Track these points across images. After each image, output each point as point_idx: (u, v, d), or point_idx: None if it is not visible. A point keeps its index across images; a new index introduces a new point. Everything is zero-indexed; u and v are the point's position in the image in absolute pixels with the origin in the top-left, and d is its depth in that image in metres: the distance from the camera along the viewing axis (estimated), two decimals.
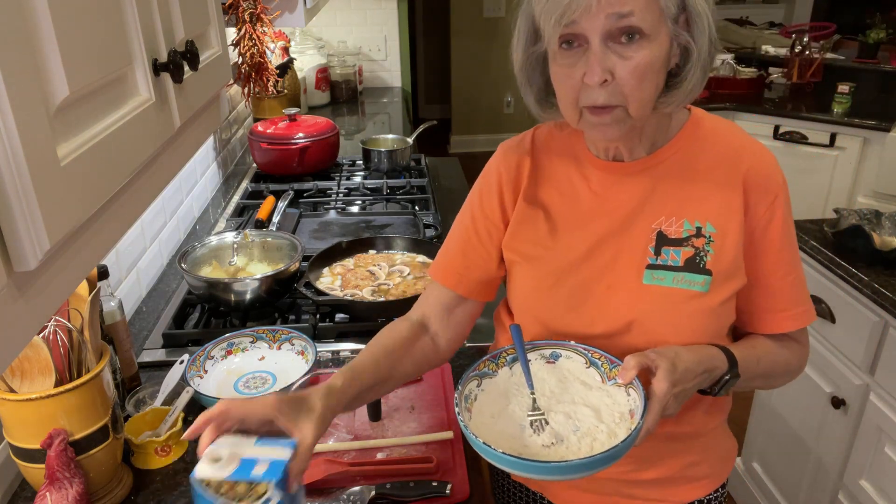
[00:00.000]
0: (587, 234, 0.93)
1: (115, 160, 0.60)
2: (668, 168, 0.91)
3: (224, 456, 0.75)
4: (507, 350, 0.93)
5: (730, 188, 0.89)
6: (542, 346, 0.93)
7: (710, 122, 0.94)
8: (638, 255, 0.91)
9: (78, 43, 0.54)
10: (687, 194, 0.90)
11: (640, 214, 0.91)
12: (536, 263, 0.97)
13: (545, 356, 0.93)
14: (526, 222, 0.98)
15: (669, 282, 0.90)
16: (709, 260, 0.89)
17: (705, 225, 0.89)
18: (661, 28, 0.79)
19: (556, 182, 0.96)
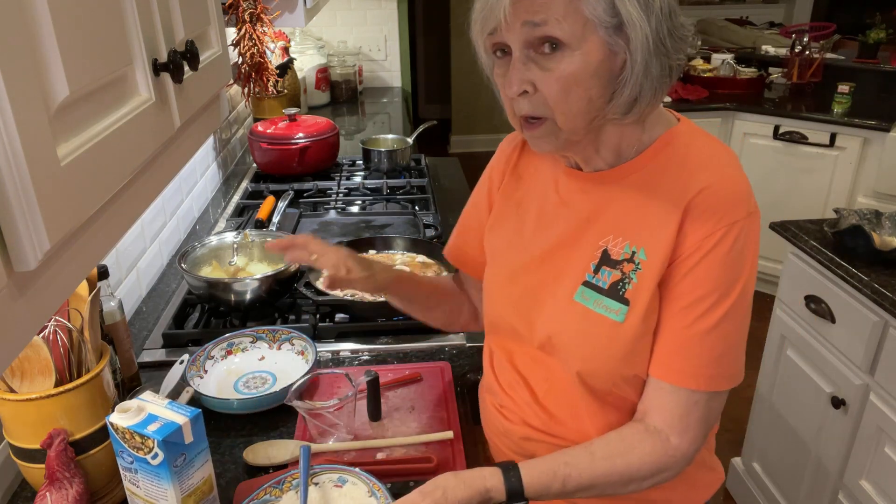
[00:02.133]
0: (547, 237, 0.93)
1: (115, 160, 0.60)
2: (628, 184, 0.86)
3: (134, 408, 0.87)
4: (292, 474, 0.96)
5: (672, 212, 0.81)
6: (331, 470, 0.96)
7: (687, 139, 0.86)
8: (580, 269, 0.88)
9: (78, 43, 0.54)
10: (637, 215, 0.85)
11: (592, 228, 0.88)
12: (500, 259, 1.00)
13: (333, 480, 0.96)
14: (501, 217, 1.01)
15: (591, 304, 0.87)
16: (629, 289, 0.84)
17: (640, 250, 0.84)
18: (589, 37, 0.74)
19: (533, 181, 0.97)
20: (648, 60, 0.75)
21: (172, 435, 0.85)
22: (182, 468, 0.88)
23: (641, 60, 0.75)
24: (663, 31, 0.74)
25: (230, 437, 1.12)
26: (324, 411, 1.07)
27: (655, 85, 0.77)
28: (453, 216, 1.99)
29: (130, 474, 0.90)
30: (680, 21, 0.76)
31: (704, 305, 0.80)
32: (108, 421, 0.87)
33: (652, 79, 0.76)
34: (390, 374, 1.23)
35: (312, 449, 1.06)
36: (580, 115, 0.79)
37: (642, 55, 0.75)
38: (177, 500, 0.88)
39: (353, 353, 1.33)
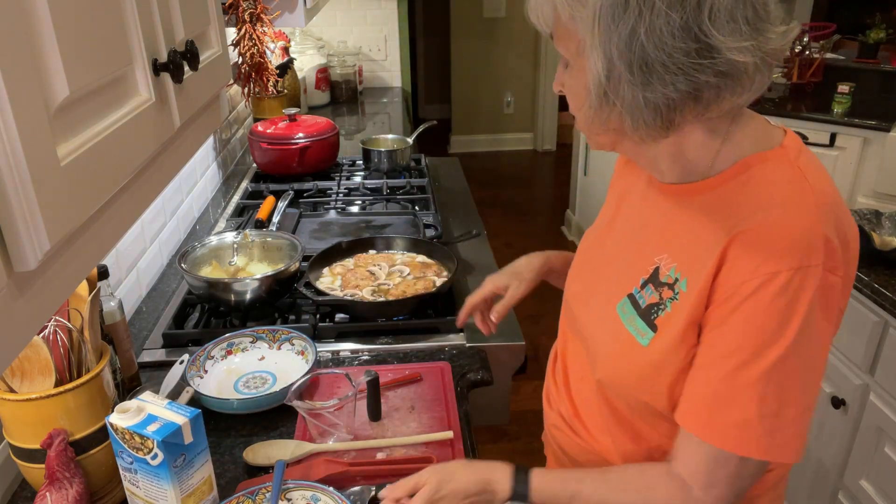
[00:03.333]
0: (621, 238, 0.93)
1: (115, 160, 0.60)
2: (694, 204, 0.80)
3: (134, 409, 0.88)
4: (266, 486, 0.96)
5: (716, 248, 0.75)
6: (305, 487, 0.96)
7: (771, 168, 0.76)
8: (631, 279, 0.86)
9: (78, 43, 0.54)
10: (690, 240, 0.80)
11: (654, 241, 0.85)
12: (585, 246, 1.02)
13: (306, 497, 0.96)
14: (604, 208, 1.02)
15: (625, 319, 0.85)
16: (661, 316, 0.80)
17: (682, 280, 0.79)
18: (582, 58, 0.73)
19: (633, 181, 0.95)
20: (607, 87, 0.71)
21: (172, 435, 0.85)
22: (182, 468, 0.88)
23: (596, 85, 0.72)
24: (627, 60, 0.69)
25: (230, 437, 1.12)
26: (324, 411, 1.07)
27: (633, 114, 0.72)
28: (453, 216, 1.99)
29: (130, 475, 0.90)
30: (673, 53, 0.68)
31: (737, 359, 0.73)
32: (108, 421, 0.87)
33: (627, 107, 0.72)
34: (390, 374, 1.23)
35: (312, 449, 1.06)
36: (584, 123, 0.80)
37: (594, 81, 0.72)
38: (177, 501, 0.88)
39: (353, 353, 1.33)
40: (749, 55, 0.68)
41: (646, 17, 0.67)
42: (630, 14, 0.67)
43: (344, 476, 1.01)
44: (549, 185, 5.11)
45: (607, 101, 0.73)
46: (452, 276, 1.46)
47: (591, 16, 0.69)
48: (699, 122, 0.75)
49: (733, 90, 0.71)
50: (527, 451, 2.56)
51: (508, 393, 1.41)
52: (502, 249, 4.05)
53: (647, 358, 0.81)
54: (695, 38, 0.67)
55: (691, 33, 0.67)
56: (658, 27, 0.67)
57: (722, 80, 0.69)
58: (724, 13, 0.67)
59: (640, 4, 0.67)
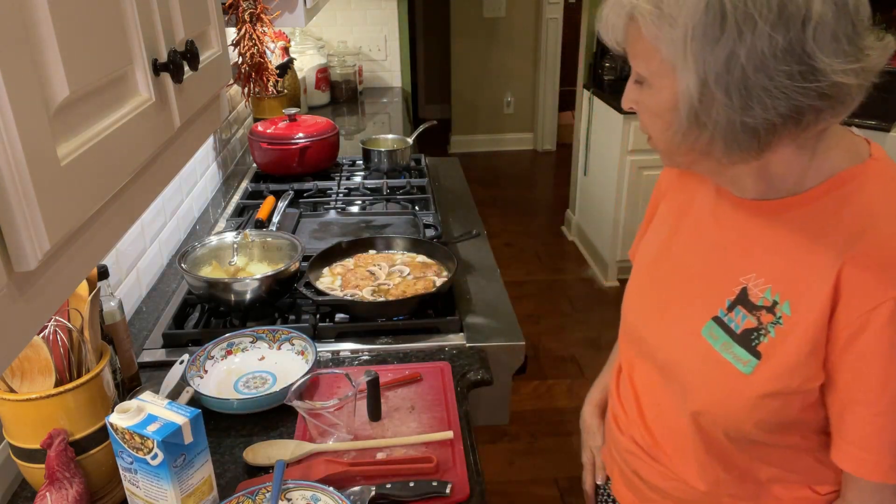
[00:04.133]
0: (691, 257, 0.88)
1: (115, 160, 0.60)
2: (784, 221, 0.77)
3: (134, 409, 0.87)
4: (266, 486, 0.96)
5: (829, 269, 0.72)
6: (305, 487, 0.96)
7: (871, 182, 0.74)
8: (714, 300, 0.83)
9: (78, 43, 0.54)
10: (787, 259, 0.76)
11: (736, 260, 0.82)
12: (644, 267, 0.97)
13: (306, 497, 0.95)
14: (658, 224, 0.97)
15: (718, 345, 0.81)
16: (765, 342, 0.77)
17: (783, 302, 0.76)
18: (667, 75, 0.71)
19: (696, 195, 0.91)
20: (699, 110, 0.69)
21: (172, 435, 0.85)
22: (182, 468, 0.88)
23: (688, 109, 0.70)
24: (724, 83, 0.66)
25: (230, 437, 1.12)
26: (324, 411, 1.07)
27: (727, 138, 0.70)
28: (453, 216, 1.99)
29: (130, 475, 0.90)
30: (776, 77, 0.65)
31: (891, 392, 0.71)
32: (108, 421, 0.87)
33: (720, 130, 0.69)
34: (390, 374, 1.23)
35: (312, 449, 1.06)
36: (665, 143, 0.77)
37: (686, 104, 0.70)
38: (176, 501, 0.88)
39: (353, 353, 1.33)
40: (853, 77, 0.66)
41: (746, 38, 0.64)
42: (728, 35, 0.64)
43: (344, 476, 1.01)
44: (549, 185, 5.11)
45: (698, 123, 0.70)
46: (452, 276, 1.46)
47: (682, 36, 0.66)
48: (789, 142, 0.73)
49: (834, 111, 0.69)
50: (527, 451, 2.56)
51: (508, 393, 1.41)
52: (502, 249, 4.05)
53: (753, 387, 0.77)
54: (798, 60, 0.64)
55: (795, 55, 0.64)
56: (760, 49, 0.64)
57: (825, 102, 0.67)
58: (828, 32, 0.64)
59: (739, 25, 0.63)
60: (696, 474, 0.90)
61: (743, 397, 0.78)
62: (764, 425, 0.79)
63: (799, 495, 0.86)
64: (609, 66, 3.54)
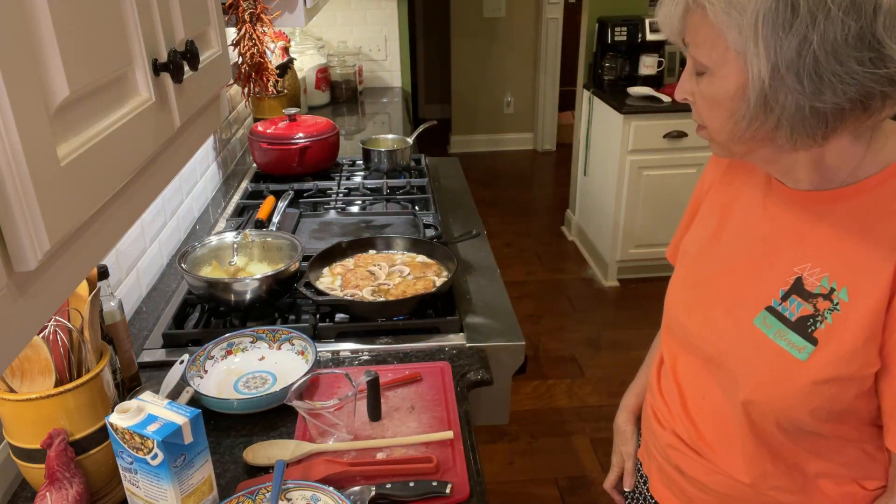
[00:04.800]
0: (741, 249, 0.89)
1: (115, 160, 0.60)
2: (840, 211, 0.78)
3: (134, 409, 0.88)
4: (266, 486, 0.96)
5: (889, 256, 0.73)
6: (305, 487, 0.96)
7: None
8: (767, 291, 0.83)
9: (78, 43, 0.54)
10: (844, 248, 0.77)
11: (790, 250, 0.82)
12: (689, 260, 0.98)
13: (306, 497, 0.95)
14: (703, 219, 0.98)
15: (772, 333, 0.81)
16: (822, 328, 0.77)
17: (841, 289, 0.77)
18: (730, 63, 0.72)
19: (743, 188, 0.92)
20: (769, 95, 0.70)
21: (172, 435, 0.85)
22: (182, 468, 0.88)
23: (757, 94, 0.71)
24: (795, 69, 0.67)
25: (230, 437, 1.12)
26: (324, 411, 1.07)
27: (794, 123, 0.70)
28: (453, 216, 1.99)
29: (130, 475, 0.90)
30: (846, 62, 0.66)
31: None
32: (108, 421, 0.87)
33: (788, 116, 0.70)
34: (390, 374, 1.23)
35: (312, 449, 1.06)
36: (725, 132, 0.78)
37: (756, 90, 0.70)
38: (176, 501, 0.88)
39: (353, 353, 1.33)
40: None
41: (820, 23, 0.65)
42: (801, 21, 0.65)
43: (344, 476, 1.01)
44: (549, 185, 5.11)
45: (766, 110, 0.71)
46: (452, 276, 1.46)
47: (753, 23, 0.67)
48: (848, 131, 0.73)
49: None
50: (527, 451, 2.56)
51: (508, 393, 1.41)
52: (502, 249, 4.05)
53: (808, 373, 0.78)
54: (869, 47, 0.65)
55: (866, 41, 0.65)
56: (832, 35, 0.65)
57: (893, 88, 0.68)
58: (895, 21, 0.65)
59: (812, 11, 0.65)
60: (741, 467, 0.89)
61: (798, 384, 0.79)
62: (818, 413, 0.79)
63: (846, 490, 0.86)
64: (609, 66, 3.54)
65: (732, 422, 0.88)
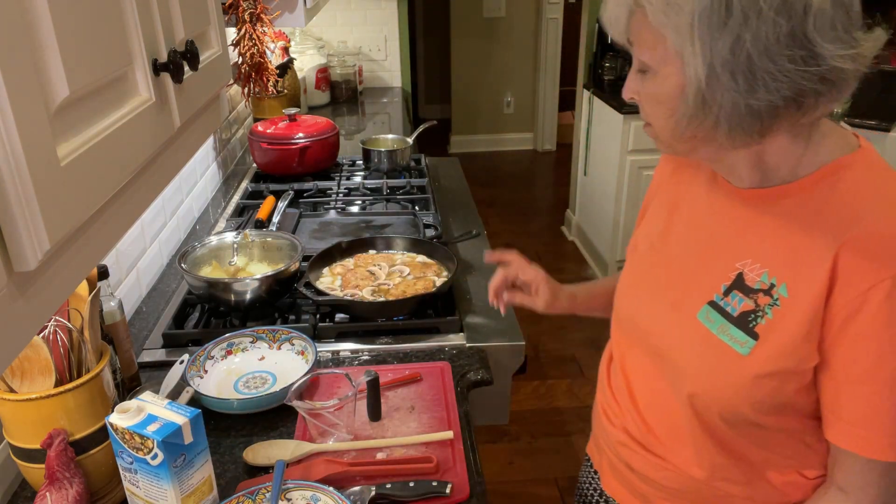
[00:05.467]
0: (686, 245, 0.91)
1: (115, 160, 0.60)
2: (780, 208, 0.80)
3: (134, 409, 0.88)
4: (266, 487, 0.96)
5: (825, 252, 0.75)
6: (304, 487, 0.96)
7: (861, 170, 0.77)
8: (709, 286, 0.85)
9: (78, 43, 0.54)
10: (783, 245, 0.79)
11: (731, 246, 0.84)
12: (638, 257, 0.99)
13: (306, 497, 0.95)
14: (653, 216, 0.99)
15: (715, 328, 0.83)
16: (762, 323, 0.79)
17: (780, 285, 0.78)
18: (670, 62, 0.73)
19: (690, 185, 0.94)
20: (706, 94, 0.71)
21: (172, 435, 0.85)
22: (182, 468, 0.88)
23: (695, 93, 0.72)
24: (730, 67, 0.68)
25: (230, 437, 1.12)
26: (324, 411, 1.07)
27: (731, 121, 0.72)
28: (453, 216, 1.99)
29: (130, 475, 0.90)
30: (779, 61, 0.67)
31: (887, 370, 0.73)
32: (108, 421, 0.87)
33: (725, 114, 0.71)
34: (390, 374, 1.23)
35: (312, 449, 1.06)
36: (668, 130, 0.79)
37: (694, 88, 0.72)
38: (176, 501, 0.88)
39: (353, 353, 1.33)
40: (850, 62, 0.69)
41: (752, 23, 0.66)
42: (735, 20, 0.67)
43: (344, 476, 1.01)
44: (549, 185, 5.11)
45: (705, 108, 0.72)
46: (452, 276, 1.46)
47: (689, 23, 0.69)
48: (786, 129, 0.75)
49: (832, 97, 0.71)
50: (527, 451, 2.56)
51: (508, 393, 1.41)
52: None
53: (750, 368, 0.79)
54: (801, 46, 0.67)
55: (797, 40, 0.67)
56: (764, 34, 0.66)
57: (825, 86, 0.69)
58: (826, 20, 0.67)
59: (745, 11, 0.66)
60: (692, 460, 0.90)
61: (740, 378, 0.80)
62: (760, 406, 0.81)
63: (789, 479, 0.88)
64: (609, 66, 3.54)
65: (681, 416, 0.89)
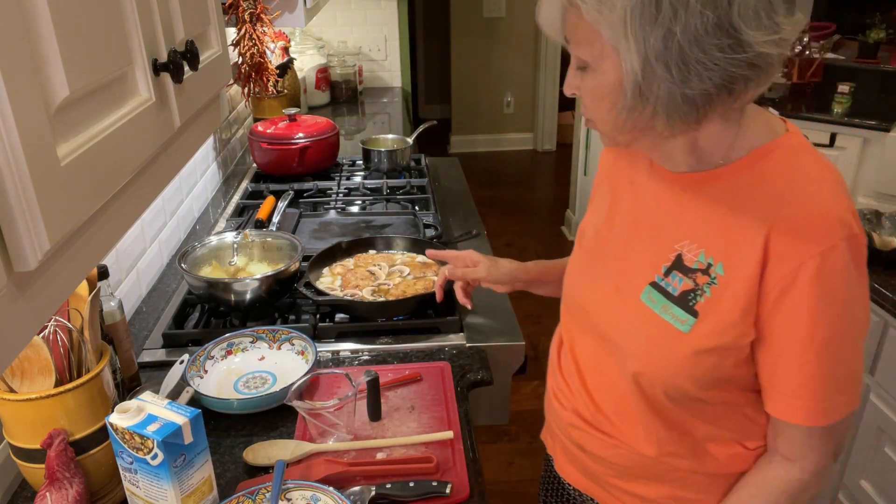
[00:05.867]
0: (629, 229, 0.94)
1: (116, 160, 0.60)
2: (713, 191, 0.84)
3: (134, 409, 0.87)
4: (266, 486, 0.96)
5: (757, 232, 0.79)
6: (304, 487, 0.96)
7: (787, 154, 0.82)
8: (651, 268, 0.88)
9: (78, 43, 0.54)
10: (718, 226, 0.83)
11: (670, 229, 0.88)
12: (584, 242, 1.03)
13: (306, 497, 0.95)
14: (599, 202, 1.02)
15: (657, 308, 0.86)
16: (701, 301, 0.83)
17: (717, 264, 0.82)
18: (607, 58, 0.75)
19: (631, 173, 0.97)
20: (643, 86, 0.74)
21: (172, 435, 0.85)
22: (182, 468, 0.88)
23: (632, 85, 0.74)
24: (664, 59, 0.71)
25: (230, 437, 1.12)
26: (324, 411, 1.07)
27: (668, 110, 0.75)
28: (453, 216, 1.99)
29: (130, 475, 0.90)
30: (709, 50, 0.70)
31: (820, 338, 0.78)
32: (108, 421, 0.87)
33: (662, 104, 0.74)
34: (390, 374, 1.23)
35: (312, 449, 1.06)
36: (609, 123, 0.82)
37: (630, 81, 0.74)
38: (176, 501, 0.88)
39: (353, 353, 1.33)
40: (774, 47, 0.73)
41: (681, 16, 0.69)
42: (664, 15, 0.70)
43: (344, 476, 1.01)
44: (549, 185, 5.11)
45: (642, 100, 0.75)
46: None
47: (622, 19, 0.71)
48: (718, 115, 0.78)
49: (760, 80, 0.75)
50: (527, 450, 2.56)
51: (508, 393, 1.41)
52: (502, 249, 4.05)
53: (690, 344, 0.83)
54: (728, 34, 0.70)
55: (724, 30, 0.70)
56: (693, 25, 0.70)
57: (753, 71, 0.73)
58: (749, 9, 0.71)
59: (673, 4, 0.69)
60: (641, 437, 0.93)
61: (681, 354, 0.84)
62: (701, 382, 0.85)
63: (732, 451, 0.91)
64: None
65: (629, 395, 0.92)
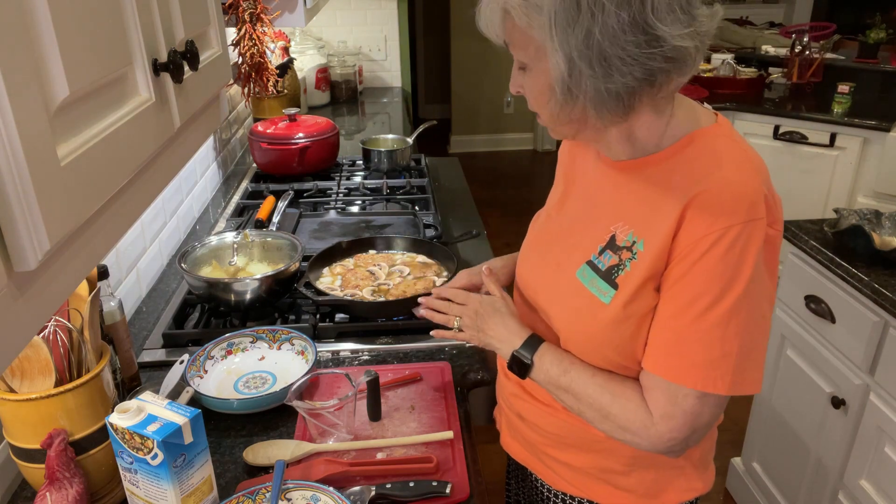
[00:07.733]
0: (575, 213, 1.00)
1: (115, 160, 0.60)
2: (645, 176, 0.89)
3: (134, 409, 0.88)
4: (266, 486, 0.96)
5: (674, 210, 0.84)
6: (304, 487, 0.96)
7: (711, 140, 0.87)
8: (589, 248, 0.94)
9: (78, 43, 0.54)
10: (646, 207, 0.88)
11: (608, 212, 0.93)
12: (537, 225, 1.09)
13: (306, 497, 0.96)
14: (555, 189, 1.10)
15: (587, 282, 0.92)
16: (622, 275, 0.88)
17: (640, 241, 0.87)
18: (542, 59, 0.81)
19: (582, 161, 1.04)
20: (570, 83, 0.79)
21: (172, 435, 0.85)
22: (182, 468, 0.88)
23: (561, 83, 0.80)
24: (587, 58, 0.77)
25: (230, 437, 1.12)
26: (324, 411, 1.07)
27: (597, 104, 0.80)
28: (453, 216, 1.99)
29: (130, 475, 0.90)
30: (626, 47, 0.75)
31: (699, 306, 0.82)
32: (108, 421, 0.87)
33: (590, 99, 0.80)
34: (390, 374, 1.23)
35: (312, 449, 1.06)
36: (550, 119, 0.88)
37: (559, 79, 0.80)
38: (176, 501, 0.88)
39: (353, 353, 1.33)
40: (689, 40, 0.77)
41: (598, 17, 0.75)
42: (583, 17, 0.75)
43: (344, 476, 1.01)
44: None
45: (572, 95, 0.81)
46: (452, 276, 1.45)
47: (547, 22, 0.77)
48: (648, 106, 0.85)
49: (680, 71, 0.81)
50: None
51: None
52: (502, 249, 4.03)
53: (609, 314, 0.89)
54: (643, 31, 0.76)
55: (639, 27, 0.75)
56: (610, 25, 0.75)
57: (671, 64, 0.78)
58: (664, 6, 0.76)
59: (591, 7, 0.75)
60: None
61: (602, 323, 0.90)
62: (621, 350, 0.90)
63: None
64: None
65: None
